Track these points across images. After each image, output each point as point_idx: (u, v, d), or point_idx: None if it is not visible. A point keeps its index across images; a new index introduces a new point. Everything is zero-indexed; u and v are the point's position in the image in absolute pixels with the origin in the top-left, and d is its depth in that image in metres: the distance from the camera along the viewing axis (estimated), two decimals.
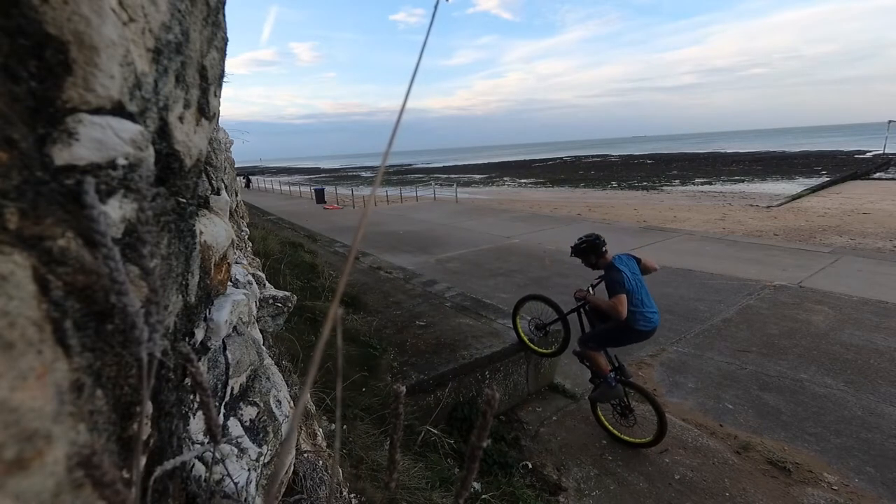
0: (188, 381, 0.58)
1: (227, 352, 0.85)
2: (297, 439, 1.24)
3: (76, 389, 0.36)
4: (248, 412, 0.90)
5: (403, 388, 0.43)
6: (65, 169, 0.37)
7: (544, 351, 4.27)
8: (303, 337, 3.25)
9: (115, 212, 0.41)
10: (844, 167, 29.56)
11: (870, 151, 43.06)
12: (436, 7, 0.28)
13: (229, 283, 0.92)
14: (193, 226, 0.61)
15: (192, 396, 0.65)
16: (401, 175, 51.79)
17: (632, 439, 3.59)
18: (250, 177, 42.27)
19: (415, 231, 12.87)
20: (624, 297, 3.11)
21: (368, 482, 2.11)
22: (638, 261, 3.38)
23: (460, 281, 7.51)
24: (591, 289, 3.56)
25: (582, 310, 3.79)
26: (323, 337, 0.23)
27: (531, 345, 4.28)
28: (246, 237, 3.14)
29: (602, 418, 3.77)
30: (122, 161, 0.41)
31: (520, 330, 4.35)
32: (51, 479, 0.32)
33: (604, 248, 3.38)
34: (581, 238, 3.48)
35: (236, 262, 1.40)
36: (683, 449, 3.56)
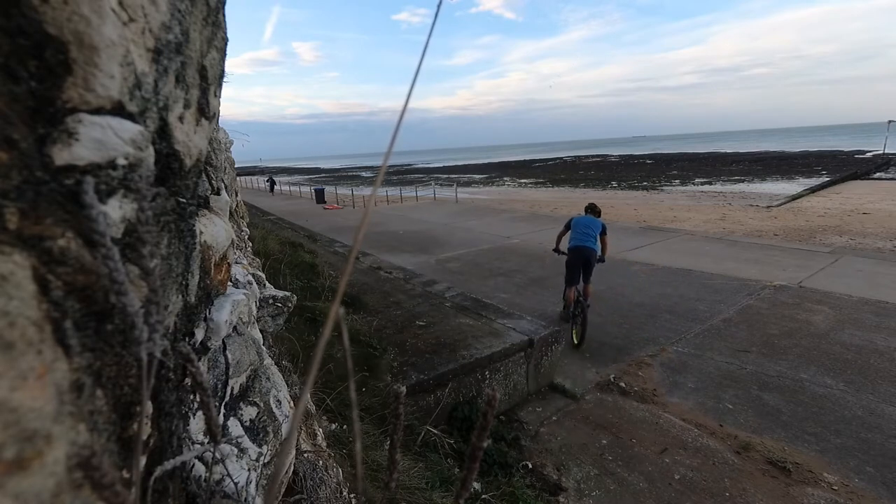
0: (188, 381, 0.58)
1: (227, 352, 0.85)
2: (298, 439, 1.24)
3: (76, 389, 0.36)
4: (248, 412, 0.90)
5: (403, 389, 0.43)
6: (65, 169, 0.37)
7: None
8: (303, 337, 3.24)
9: (115, 212, 0.41)
10: (844, 167, 29.55)
11: (870, 151, 43.02)
12: (438, 7, 0.28)
13: (229, 283, 0.92)
14: (193, 226, 0.61)
15: (192, 396, 0.65)
16: (401, 175, 51.73)
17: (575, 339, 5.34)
18: (274, 178, 34.39)
19: (415, 231, 12.88)
20: (560, 229, 5.69)
21: (368, 482, 2.11)
22: (602, 226, 5.35)
23: (460, 281, 7.51)
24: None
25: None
26: (324, 337, 0.23)
27: None
28: (246, 237, 3.14)
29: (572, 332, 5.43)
30: (122, 161, 0.41)
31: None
32: (51, 479, 0.32)
33: (588, 209, 5.61)
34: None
35: (236, 262, 1.40)
36: (683, 449, 3.56)
